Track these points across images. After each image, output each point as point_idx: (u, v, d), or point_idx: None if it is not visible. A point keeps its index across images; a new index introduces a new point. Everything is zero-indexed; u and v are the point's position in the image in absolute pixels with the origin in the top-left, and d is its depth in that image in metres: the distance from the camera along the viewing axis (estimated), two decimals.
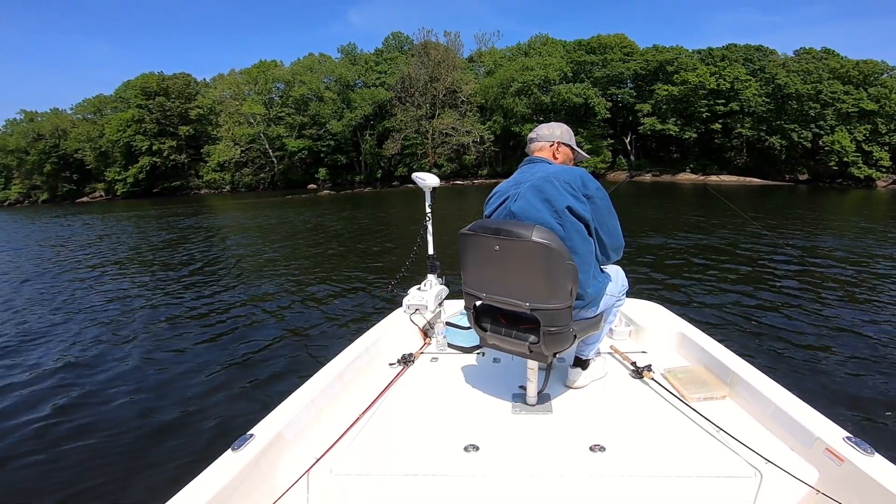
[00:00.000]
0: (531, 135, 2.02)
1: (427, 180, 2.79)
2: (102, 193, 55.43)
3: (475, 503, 1.53)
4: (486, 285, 1.78)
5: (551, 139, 1.97)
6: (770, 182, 34.18)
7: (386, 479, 1.58)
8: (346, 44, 52.47)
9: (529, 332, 1.76)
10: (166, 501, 1.29)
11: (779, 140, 35.09)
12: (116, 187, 52.96)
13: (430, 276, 2.93)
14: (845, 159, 33.29)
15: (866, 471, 1.36)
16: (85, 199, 55.60)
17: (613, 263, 2.01)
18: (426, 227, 2.93)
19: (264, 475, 1.54)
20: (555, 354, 1.77)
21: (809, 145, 34.56)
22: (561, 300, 1.63)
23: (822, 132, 34.09)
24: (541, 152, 1.97)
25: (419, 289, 2.87)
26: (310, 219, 17.57)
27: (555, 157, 1.97)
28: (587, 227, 1.74)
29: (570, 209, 1.69)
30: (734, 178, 36.00)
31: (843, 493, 1.37)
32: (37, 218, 28.90)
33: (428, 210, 2.87)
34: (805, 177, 35.77)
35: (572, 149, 2.01)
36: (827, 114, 33.94)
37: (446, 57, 44.50)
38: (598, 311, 1.88)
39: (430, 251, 2.96)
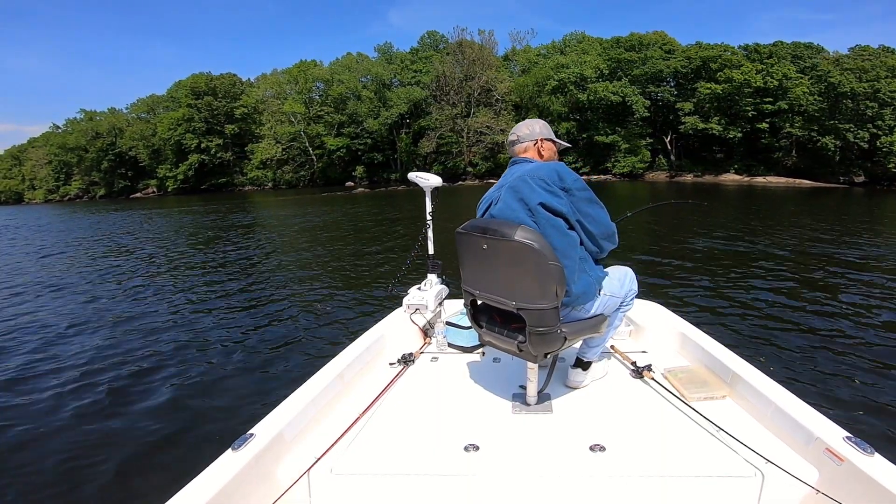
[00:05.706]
0: (511, 138, 1.96)
1: (430, 180, 2.78)
2: (155, 189, 58.58)
3: (475, 503, 1.52)
4: (478, 283, 1.81)
5: (533, 137, 1.92)
6: (822, 184, 32.39)
7: (386, 478, 1.58)
8: (382, 43, 53.41)
9: (518, 332, 1.76)
10: (166, 501, 1.30)
11: (832, 140, 33.17)
12: (167, 184, 55.87)
13: (431, 276, 2.92)
14: None
15: (866, 471, 1.35)
16: (138, 194, 58.88)
17: (618, 264, 2.00)
18: (428, 227, 2.93)
19: (264, 475, 1.54)
20: (546, 355, 1.77)
21: (866, 146, 32.56)
22: (546, 301, 1.63)
23: (880, 132, 32.06)
24: (526, 153, 1.93)
25: (419, 288, 2.86)
26: (335, 217, 17.85)
27: (541, 155, 1.93)
28: (566, 220, 1.70)
29: (543, 205, 1.66)
30: (782, 179, 34.22)
31: (843, 492, 1.36)
32: (96, 212, 30.63)
33: (429, 210, 2.86)
34: (861, 178, 33.73)
35: (554, 142, 1.97)
36: (885, 113, 31.89)
37: (481, 55, 44.47)
38: (592, 312, 1.82)
39: (431, 251, 2.96)
